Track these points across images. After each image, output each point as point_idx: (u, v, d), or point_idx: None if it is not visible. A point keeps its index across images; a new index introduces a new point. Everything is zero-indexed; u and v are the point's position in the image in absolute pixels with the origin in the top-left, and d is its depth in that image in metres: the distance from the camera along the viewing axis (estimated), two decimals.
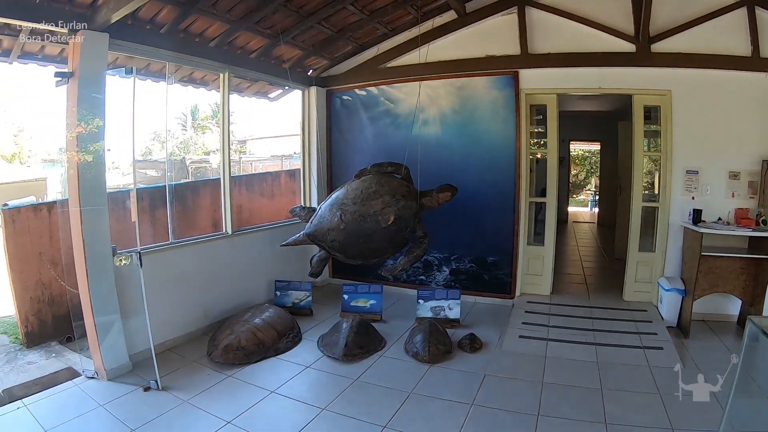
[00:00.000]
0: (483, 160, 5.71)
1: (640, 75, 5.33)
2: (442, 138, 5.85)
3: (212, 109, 22.99)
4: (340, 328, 4.82)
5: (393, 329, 5.19)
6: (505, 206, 5.68)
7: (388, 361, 4.56)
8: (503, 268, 5.81)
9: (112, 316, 4.23)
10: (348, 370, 4.36)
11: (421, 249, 4.95)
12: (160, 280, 4.66)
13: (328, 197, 5.13)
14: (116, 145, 4.03)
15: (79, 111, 3.93)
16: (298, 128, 6.59)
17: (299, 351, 4.77)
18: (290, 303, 5.70)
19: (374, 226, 4.77)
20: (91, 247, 4.04)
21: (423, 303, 5.35)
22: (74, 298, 4.32)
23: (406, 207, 4.80)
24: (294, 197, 7.53)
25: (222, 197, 5.44)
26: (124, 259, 4.04)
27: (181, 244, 4.94)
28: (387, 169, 5.05)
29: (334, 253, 5.05)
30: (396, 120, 6.14)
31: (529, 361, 4.42)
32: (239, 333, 4.60)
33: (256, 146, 18.54)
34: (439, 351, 4.53)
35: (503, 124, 5.66)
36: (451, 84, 5.79)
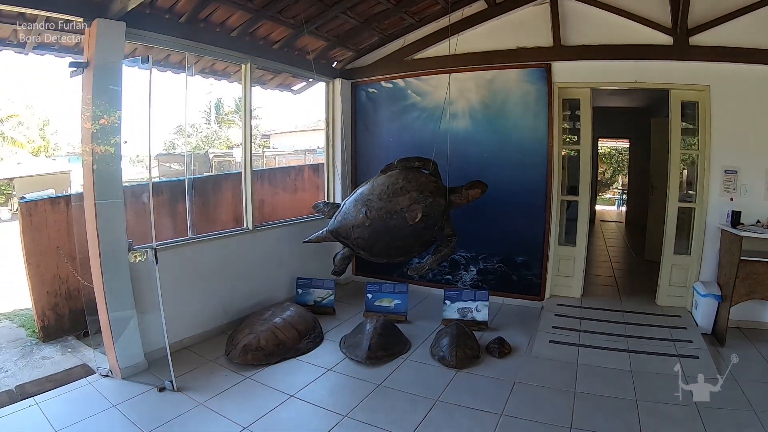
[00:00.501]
0: (513, 156, 5.35)
1: (678, 69, 4.92)
2: (470, 133, 5.50)
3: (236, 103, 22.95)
4: (364, 329, 4.51)
5: (418, 331, 4.87)
6: (535, 204, 5.31)
7: (413, 365, 4.24)
8: (533, 269, 5.43)
9: (127, 313, 3.99)
10: (371, 374, 4.05)
11: (449, 248, 4.61)
12: (178, 277, 4.41)
13: (353, 193, 4.83)
14: (136, 138, 3.80)
15: (95, 102, 3.69)
16: (322, 122, 6.32)
17: (320, 352, 4.47)
18: (312, 301, 5.40)
19: (401, 223, 4.45)
20: (106, 242, 3.80)
21: (450, 304, 5.01)
22: (90, 293, 4.09)
23: (435, 204, 4.47)
24: (317, 192, 7.25)
25: (243, 192, 5.18)
26: (139, 255, 3.78)
27: (200, 239, 4.68)
28: (414, 164, 4.71)
29: (358, 250, 4.74)
30: (423, 113, 5.80)
31: (561, 368, 4.08)
32: (259, 333, 4.33)
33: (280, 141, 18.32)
34: (467, 356, 4.21)
35: (535, 118, 5.28)
36: (481, 76, 5.43)
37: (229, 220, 6.30)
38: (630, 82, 5.11)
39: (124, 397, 3.68)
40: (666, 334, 4.59)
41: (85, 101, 3.74)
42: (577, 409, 3.44)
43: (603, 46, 5.07)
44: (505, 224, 5.42)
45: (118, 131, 3.84)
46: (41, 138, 23.59)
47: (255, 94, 5.08)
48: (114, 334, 3.93)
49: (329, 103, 6.14)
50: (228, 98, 24.43)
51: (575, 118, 5.46)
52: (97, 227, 3.76)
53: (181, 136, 11.53)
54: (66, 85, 5.59)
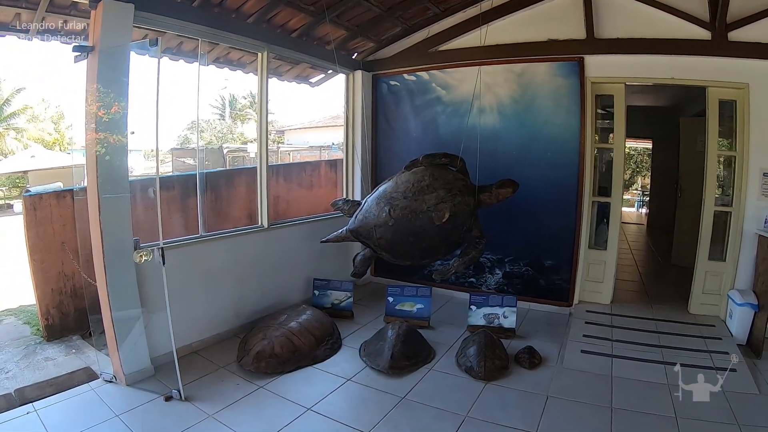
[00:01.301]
0: (543, 154, 4.88)
1: (715, 66, 4.43)
2: (498, 129, 5.03)
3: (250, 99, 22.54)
4: (385, 335, 4.09)
5: (441, 337, 4.43)
6: (566, 205, 4.83)
7: (438, 375, 3.80)
8: (561, 273, 4.97)
9: (132, 315, 3.59)
10: (394, 386, 3.62)
11: (477, 251, 4.18)
12: (188, 277, 4.01)
13: (375, 190, 4.40)
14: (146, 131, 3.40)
15: (99, 88, 3.30)
16: (337, 117, 5.91)
17: (339, 360, 4.05)
18: (329, 304, 4.96)
19: (427, 223, 4.02)
20: (111, 239, 3.40)
21: (475, 309, 4.57)
22: (93, 291, 3.71)
23: (463, 203, 4.04)
24: (334, 189, 6.85)
25: (258, 188, 4.76)
26: (145, 254, 3.37)
27: (211, 237, 4.27)
28: (441, 160, 4.28)
29: (380, 252, 4.32)
30: (447, 108, 5.34)
31: (594, 381, 3.66)
32: (273, 338, 3.91)
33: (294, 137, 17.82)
34: (496, 366, 3.77)
35: (567, 115, 4.80)
36: (510, 69, 4.96)
37: (243, 216, 5.92)
38: (666, 78, 4.63)
39: (128, 405, 3.29)
40: (701, 344, 4.18)
41: (89, 88, 3.34)
42: (615, 428, 3.05)
43: (638, 39, 4.59)
44: (533, 226, 4.96)
45: (124, 121, 3.43)
46: (56, 132, 23.36)
47: (270, 87, 4.65)
48: (118, 337, 3.53)
49: (349, 95, 5.70)
50: (243, 93, 24.09)
51: (608, 117, 5.00)
52: (101, 223, 3.35)
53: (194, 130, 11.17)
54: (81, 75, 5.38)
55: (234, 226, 5.18)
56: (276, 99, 20.92)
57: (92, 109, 3.28)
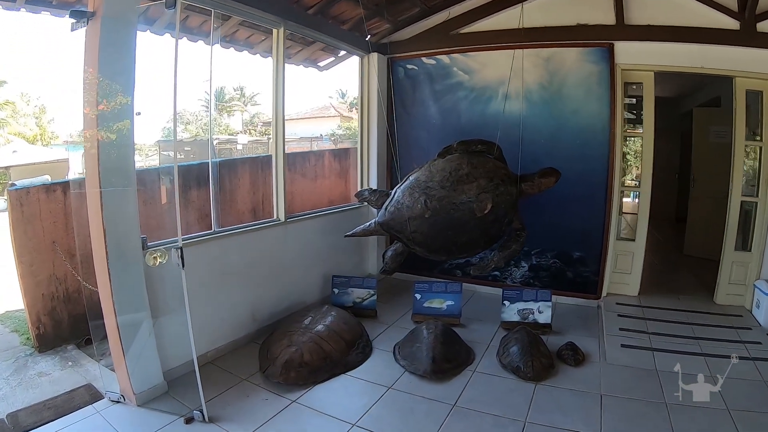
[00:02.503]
0: (573, 142, 4.39)
1: (744, 56, 4.06)
2: (525, 117, 4.49)
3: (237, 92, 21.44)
4: (421, 336, 3.56)
5: (475, 335, 3.92)
6: (596, 195, 4.38)
7: (483, 378, 3.32)
8: (590, 265, 4.53)
9: (140, 323, 2.95)
10: (440, 392, 3.12)
11: (519, 244, 3.69)
12: (201, 278, 3.36)
13: (405, 179, 3.82)
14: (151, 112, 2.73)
15: (102, 61, 2.62)
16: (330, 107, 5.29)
17: (373, 365, 3.50)
18: (350, 302, 4.37)
19: (467, 215, 3.50)
20: (114, 237, 2.72)
21: (509, 305, 4.07)
22: (92, 295, 3.05)
23: (505, 193, 3.53)
24: (339, 180, 6.23)
25: (274, 178, 4.13)
26: (159, 256, 2.73)
27: (225, 233, 3.63)
28: (477, 147, 3.75)
29: (413, 246, 3.77)
30: (471, 94, 4.78)
31: (642, 376, 3.31)
32: (300, 344, 3.33)
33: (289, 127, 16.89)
34: (543, 365, 3.33)
35: (596, 102, 4.34)
36: (537, 54, 4.44)
37: (246, 210, 5.27)
38: (696, 67, 4.21)
39: (143, 431, 2.68)
40: (733, 335, 3.89)
41: (88, 60, 2.66)
42: (675, 424, 2.75)
43: (667, 27, 4.17)
44: (561, 217, 4.49)
45: (129, 99, 2.78)
46: (38, 126, 21.76)
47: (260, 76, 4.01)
48: (126, 351, 2.88)
49: (364, 80, 5.07)
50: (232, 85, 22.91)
51: (632, 106, 4.58)
52: (104, 220, 2.67)
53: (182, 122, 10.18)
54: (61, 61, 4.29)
55: (239, 220, 4.54)
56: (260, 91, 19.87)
57: (92, 84, 2.60)
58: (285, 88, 3.96)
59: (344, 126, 11.65)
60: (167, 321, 3.04)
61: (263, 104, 19.58)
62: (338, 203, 5.55)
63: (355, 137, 12.43)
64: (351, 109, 11.57)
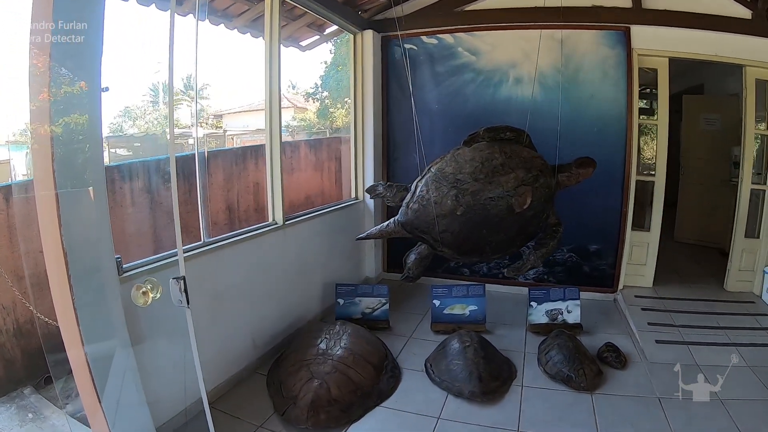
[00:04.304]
0: (589, 130, 4.07)
1: (755, 45, 3.93)
2: (539, 102, 4.08)
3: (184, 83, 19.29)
4: (455, 350, 3.05)
5: (504, 342, 3.48)
6: (612, 185, 4.11)
7: (534, 393, 2.90)
8: (606, 258, 4.25)
9: (121, 366, 2.11)
10: (497, 416, 2.66)
11: (556, 240, 3.25)
12: (193, 302, 2.54)
13: (426, 171, 3.19)
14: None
15: (57, 18, 1.73)
16: (284, 98, 4.53)
17: (407, 390, 2.93)
18: (359, 314, 3.74)
19: (503, 211, 2.96)
20: (77, 252, 1.87)
21: (536, 306, 3.66)
22: (50, 325, 2.13)
23: (544, 186, 3.05)
24: (316, 173, 5.50)
25: (268, 173, 3.33)
26: (150, 289, 1.85)
27: (217, 244, 2.81)
28: (506, 134, 3.21)
29: (441, 248, 3.18)
30: (478, 76, 4.27)
31: (685, 373, 2.96)
32: (324, 376, 2.66)
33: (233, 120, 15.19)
34: (593, 372, 2.97)
35: (613, 88, 4.04)
36: (551, 36, 4.02)
37: (220, 210, 4.42)
38: (710, 54, 4.03)
39: None
40: (753, 322, 3.75)
41: (36, 16, 1.75)
42: (739, 421, 2.55)
43: (683, 13, 3.95)
44: (577, 208, 4.13)
45: (95, 72, 1.90)
46: None
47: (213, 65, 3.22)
48: (104, 405, 2.04)
49: (357, 60, 4.37)
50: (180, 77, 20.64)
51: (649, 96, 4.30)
52: (61, 229, 1.82)
53: (129, 118, 8.61)
54: None
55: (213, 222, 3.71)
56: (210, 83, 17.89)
57: (43, 51, 1.70)
58: (281, 64, 3.16)
59: (298, 117, 10.82)
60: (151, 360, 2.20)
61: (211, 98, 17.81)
62: (326, 200, 4.82)
63: (310, 129, 11.50)
64: (307, 100, 10.73)
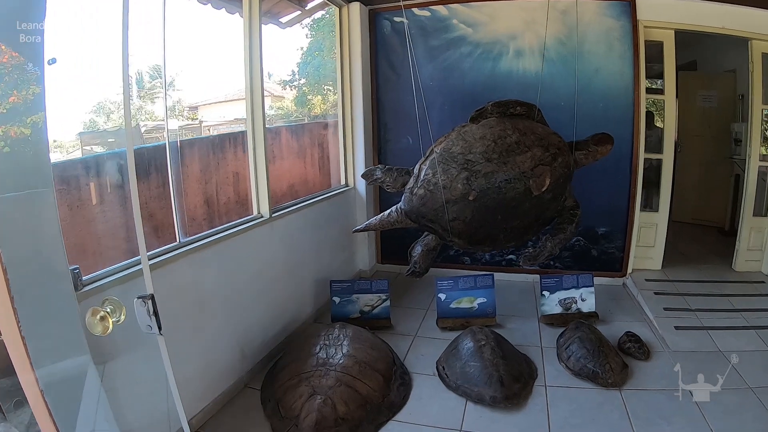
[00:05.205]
0: (595, 106, 3.78)
1: (761, 19, 3.72)
2: (542, 75, 3.70)
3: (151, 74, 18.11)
4: (469, 350, 2.74)
5: (517, 337, 3.18)
6: (620, 165, 3.84)
7: (559, 393, 2.61)
8: (615, 241, 4.00)
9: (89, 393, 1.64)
10: (523, 422, 2.37)
11: (574, 225, 2.92)
12: (171, 315, 2.09)
13: (429, 152, 2.80)
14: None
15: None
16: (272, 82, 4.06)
17: (420, 399, 2.59)
18: (356, 312, 3.36)
19: (522, 194, 2.61)
20: (22, 271, 1.37)
21: (549, 295, 3.39)
22: None
23: (563, 165, 2.73)
24: (298, 160, 5.02)
25: (251, 162, 2.89)
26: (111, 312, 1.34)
27: (196, 244, 2.36)
28: (516, 109, 2.85)
29: (450, 238, 2.80)
30: (476, 50, 3.90)
31: (711, 360, 2.88)
32: (327, 391, 2.28)
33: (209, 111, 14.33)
34: (619, 366, 2.71)
35: (618, 61, 3.76)
36: (552, 7, 3.68)
37: (196, 205, 3.91)
38: (717, 27, 3.78)
39: None
40: (766, 303, 3.57)
41: None
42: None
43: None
44: (585, 189, 3.79)
45: (38, 42, 1.40)
46: None
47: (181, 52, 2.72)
48: (57, 419, 1.56)
49: (343, 36, 3.92)
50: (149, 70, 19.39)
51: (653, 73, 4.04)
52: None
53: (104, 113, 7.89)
54: None
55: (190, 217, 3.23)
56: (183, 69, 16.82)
57: None
58: (263, 41, 2.70)
59: (275, 106, 10.16)
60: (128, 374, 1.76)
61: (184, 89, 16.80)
62: (312, 188, 4.37)
63: (288, 116, 10.90)
64: (284, 88, 10.06)
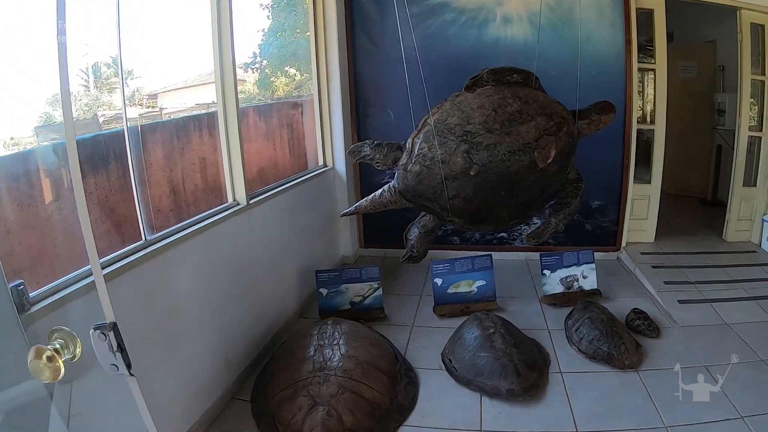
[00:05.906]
0: (587, 73, 3.53)
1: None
2: (531, 43, 3.53)
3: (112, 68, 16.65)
4: (476, 339, 2.52)
5: (521, 320, 2.95)
6: (612, 135, 3.61)
7: (576, 379, 2.43)
8: (608, 214, 3.87)
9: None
10: (545, 415, 2.18)
11: (578, 199, 2.72)
12: (138, 331, 1.72)
13: (422, 124, 2.50)
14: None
15: None
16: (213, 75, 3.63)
17: (432, 398, 2.36)
18: (347, 304, 3.07)
19: (526, 167, 2.37)
20: None
21: (550, 274, 3.21)
22: None
23: (568, 135, 2.51)
24: (267, 142, 4.62)
25: (223, 145, 2.51)
26: (61, 347, 0.83)
27: (165, 241, 1.98)
28: (513, 77, 2.59)
29: (449, 218, 2.53)
30: (461, 17, 3.61)
31: (720, 335, 2.84)
32: (329, 400, 2.01)
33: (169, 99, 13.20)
34: (633, 345, 2.59)
35: (610, 28, 3.57)
36: None
37: (162, 195, 3.47)
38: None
39: None
40: (762, 273, 3.57)
41: None
42: None
43: None
44: (578, 162, 3.62)
45: None
46: None
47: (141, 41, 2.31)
48: None
49: (317, 6, 3.49)
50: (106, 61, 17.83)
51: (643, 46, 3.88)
52: None
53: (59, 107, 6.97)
54: None
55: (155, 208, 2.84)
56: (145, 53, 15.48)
57: None
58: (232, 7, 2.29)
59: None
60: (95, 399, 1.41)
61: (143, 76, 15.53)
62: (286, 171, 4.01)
63: (249, 100, 10.33)
64: (246, 71, 9.39)
